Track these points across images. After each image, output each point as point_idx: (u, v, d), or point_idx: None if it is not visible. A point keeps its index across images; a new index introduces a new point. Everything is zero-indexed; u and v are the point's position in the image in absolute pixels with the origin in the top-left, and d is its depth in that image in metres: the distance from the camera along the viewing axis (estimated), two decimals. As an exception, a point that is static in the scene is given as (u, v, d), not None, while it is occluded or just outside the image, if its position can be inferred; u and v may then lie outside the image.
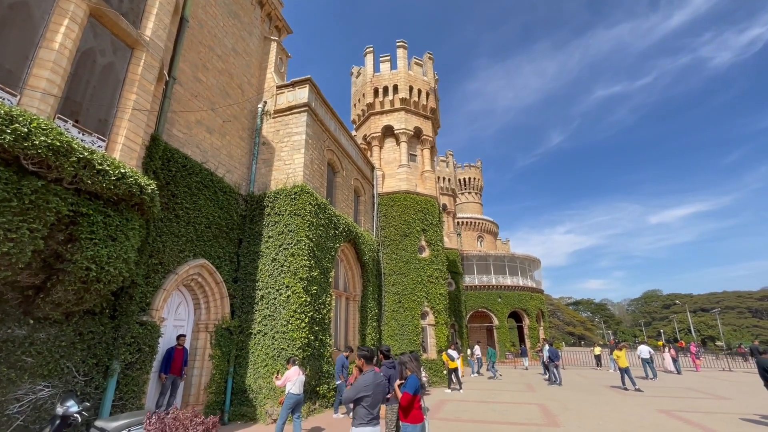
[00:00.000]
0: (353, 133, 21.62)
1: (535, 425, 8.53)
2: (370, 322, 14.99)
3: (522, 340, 35.43)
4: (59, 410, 5.23)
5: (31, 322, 5.66)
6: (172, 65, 9.19)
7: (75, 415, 5.25)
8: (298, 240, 10.40)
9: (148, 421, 4.13)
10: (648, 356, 18.44)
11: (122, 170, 6.06)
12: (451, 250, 29.35)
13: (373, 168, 18.58)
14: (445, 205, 30.76)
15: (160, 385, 8.39)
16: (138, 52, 7.34)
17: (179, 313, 9.36)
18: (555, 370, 15.92)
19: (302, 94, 12.29)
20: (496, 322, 33.62)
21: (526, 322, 34.94)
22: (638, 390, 13.98)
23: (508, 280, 35.19)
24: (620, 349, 14.97)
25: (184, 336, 8.87)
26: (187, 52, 9.91)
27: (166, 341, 8.76)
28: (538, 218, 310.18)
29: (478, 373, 20.40)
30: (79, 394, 6.21)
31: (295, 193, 10.89)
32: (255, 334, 9.93)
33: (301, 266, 10.15)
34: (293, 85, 12.55)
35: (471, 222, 43.53)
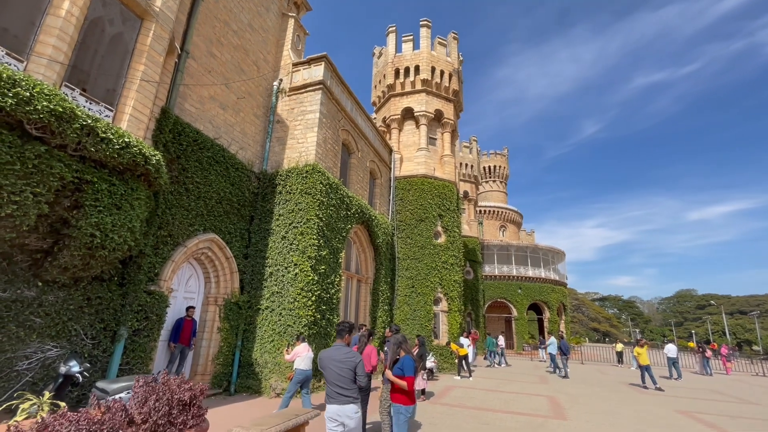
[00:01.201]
0: (373, 115, 21.31)
1: (541, 416, 8.25)
2: (382, 306, 14.94)
3: (542, 332, 34.69)
4: (62, 369, 5.43)
5: (40, 284, 5.86)
6: (185, 39, 9.17)
7: (77, 374, 5.44)
8: (307, 219, 10.36)
9: (136, 383, 4.15)
10: (675, 356, 17.55)
11: (126, 139, 6.10)
12: (470, 238, 28.81)
13: (391, 151, 18.27)
14: (466, 192, 30.09)
15: (169, 354, 8.65)
16: (147, 23, 7.32)
17: (190, 286, 9.57)
18: (565, 363, 15.44)
19: (317, 72, 12.08)
20: (515, 313, 33.00)
21: (547, 314, 34.10)
22: (659, 389, 13.34)
23: (530, 272, 34.31)
24: (642, 346, 14.29)
25: (194, 308, 9.08)
26: (202, 26, 9.86)
27: (176, 312, 9.02)
28: (566, 210, 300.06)
29: (498, 364, 20.03)
30: (86, 356, 6.45)
31: (307, 171, 10.81)
32: (263, 310, 10.05)
33: (310, 245, 10.12)
34: (309, 62, 12.35)
35: (494, 211, 42.51)
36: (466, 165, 30.39)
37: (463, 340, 16.19)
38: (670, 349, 17.60)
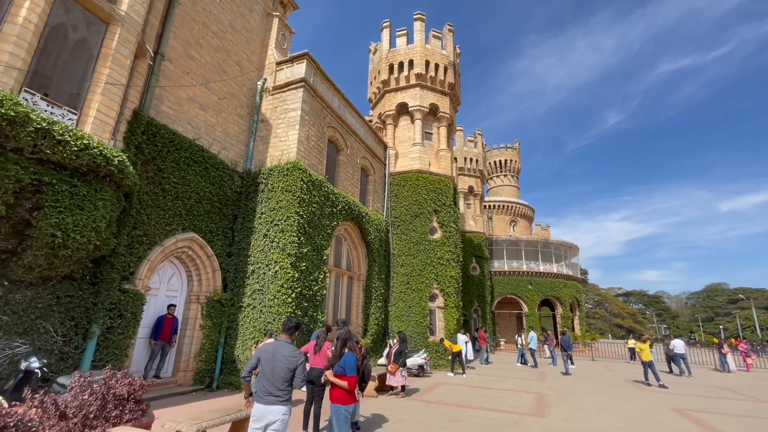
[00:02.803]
0: (370, 112, 21.22)
1: (518, 414, 8.02)
2: (375, 302, 14.88)
3: (555, 328, 33.91)
4: (23, 365, 5.62)
5: (6, 284, 6.07)
6: (160, 42, 9.33)
7: (36, 370, 5.63)
8: (288, 216, 10.39)
9: (73, 379, 4.25)
10: (683, 351, 16.81)
11: (85, 141, 6.23)
12: (476, 233, 28.38)
13: (386, 147, 18.16)
14: (471, 187, 29.62)
15: (150, 350, 8.85)
16: (113, 27, 7.46)
17: (172, 284, 9.76)
18: (565, 359, 15.00)
19: (300, 70, 12.09)
20: (525, 309, 32.34)
21: (559, 310, 33.31)
22: (662, 386, 12.79)
23: (541, 267, 33.56)
24: (644, 342, 13.74)
25: (175, 306, 9.26)
26: (178, 29, 10.01)
27: (158, 310, 9.23)
28: (589, 204, 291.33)
29: (525, 362, 18.71)
30: (57, 353, 6.65)
31: (287, 169, 10.84)
32: (245, 307, 10.15)
33: (290, 242, 10.15)
34: (291, 60, 12.38)
35: (504, 206, 41.72)
36: (471, 159, 29.90)
37: (461, 337, 16.00)
38: (677, 345, 16.86)
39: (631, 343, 23.18)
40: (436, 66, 18.90)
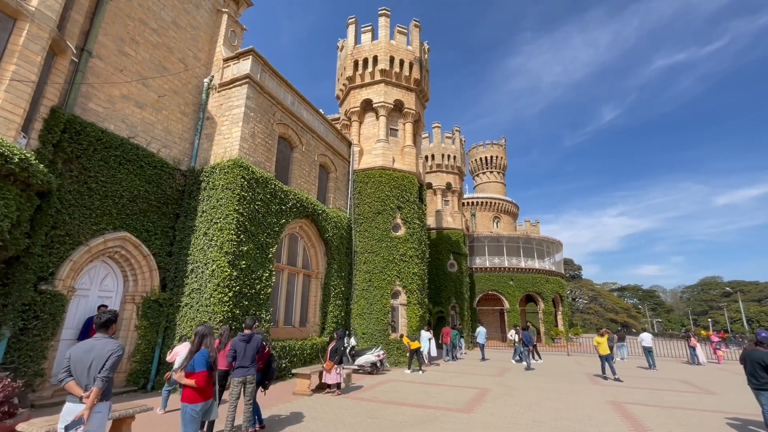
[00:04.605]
0: (339, 110, 21.07)
1: (445, 410, 7.93)
2: (334, 300, 14.77)
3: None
4: None
5: None
6: (87, 38, 9.18)
7: None
8: (226, 214, 10.27)
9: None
10: (650, 344, 16.78)
11: (-23, 139, 6.11)
12: (453, 230, 28.29)
13: (350, 144, 18.03)
14: (449, 184, 29.48)
15: (77, 352, 8.71)
16: (21, 23, 7.32)
17: (106, 285, 9.62)
18: (527, 354, 14.93)
19: (245, 66, 11.95)
20: (506, 305, 32.28)
21: (541, 306, 33.25)
22: (617, 380, 12.74)
23: (522, 263, 33.49)
24: (602, 335, 13.68)
25: (105, 306, 9.11)
26: (110, 25, 9.86)
27: (88, 311, 9.09)
28: (587, 200, 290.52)
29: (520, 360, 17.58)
30: (-40, 355, 6.52)
31: (228, 167, 10.71)
32: (183, 307, 10.03)
33: (228, 240, 10.02)
34: (238, 57, 12.25)
35: (487, 202, 41.65)
36: (449, 156, 29.75)
37: (424, 334, 15.92)
38: (645, 338, 16.82)
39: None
40: (401, 62, 18.76)
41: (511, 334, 21.73)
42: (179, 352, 7.54)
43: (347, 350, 13.48)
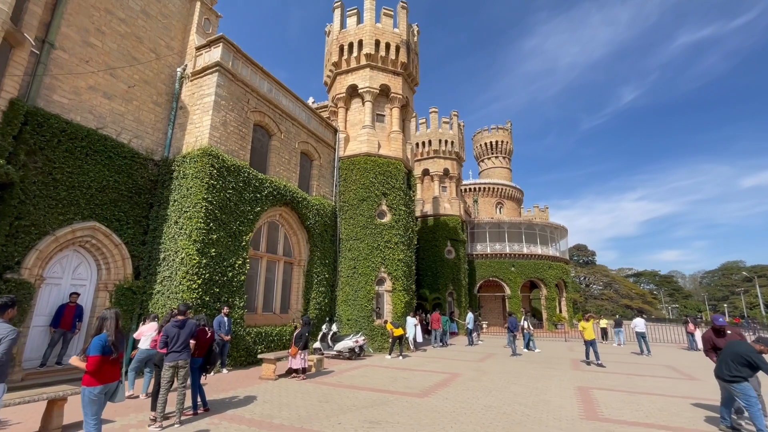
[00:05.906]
0: (328, 96, 20.85)
1: (400, 394, 7.92)
2: (317, 287, 14.86)
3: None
4: None
5: None
6: (49, 30, 9.24)
7: None
8: (195, 203, 10.35)
9: None
10: (643, 330, 16.40)
11: (-77, 132, 6.25)
12: (451, 216, 28.00)
13: (335, 131, 17.88)
14: (447, 170, 29.07)
15: (50, 338, 9.02)
16: (-30, 16, 7.41)
17: (79, 273, 9.86)
18: (511, 340, 14.79)
19: (216, 54, 11.89)
20: (508, 291, 32.02)
21: (544, 292, 32.90)
22: (600, 365, 12.54)
23: (524, 249, 33.05)
24: (587, 320, 13.41)
25: (77, 294, 9.38)
26: (74, 16, 9.88)
27: (60, 298, 9.35)
28: (605, 184, 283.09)
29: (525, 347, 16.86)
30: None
31: (198, 155, 10.76)
32: (155, 294, 10.24)
33: (196, 228, 10.13)
34: (209, 45, 12.18)
35: (490, 188, 41.01)
36: (447, 142, 29.25)
37: (410, 320, 15.92)
38: (638, 324, 16.44)
39: (603, 323, 22.77)
40: (387, 45, 18.37)
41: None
42: (144, 332, 7.69)
43: (329, 336, 13.61)
